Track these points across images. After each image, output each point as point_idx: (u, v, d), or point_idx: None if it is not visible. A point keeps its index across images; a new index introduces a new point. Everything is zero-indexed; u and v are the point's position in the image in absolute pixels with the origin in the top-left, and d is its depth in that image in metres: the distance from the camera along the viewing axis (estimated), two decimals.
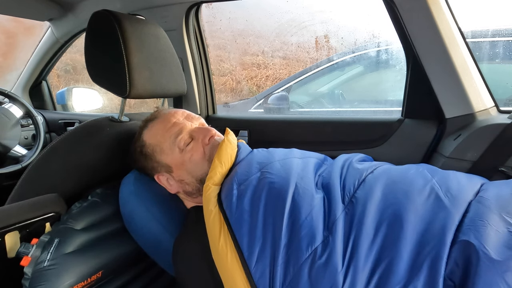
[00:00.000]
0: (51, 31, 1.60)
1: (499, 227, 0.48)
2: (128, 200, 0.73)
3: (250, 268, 0.52)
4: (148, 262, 0.79)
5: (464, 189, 0.58)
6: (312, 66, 2.35)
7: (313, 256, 0.51)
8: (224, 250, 0.55)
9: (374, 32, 2.07)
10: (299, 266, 0.50)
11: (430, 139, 0.99)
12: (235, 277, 0.53)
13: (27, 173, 0.75)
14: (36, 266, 0.60)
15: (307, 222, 0.54)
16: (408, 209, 0.53)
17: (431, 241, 0.48)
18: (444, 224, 0.50)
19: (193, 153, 0.72)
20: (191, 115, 0.80)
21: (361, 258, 0.49)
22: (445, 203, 0.54)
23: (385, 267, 0.48)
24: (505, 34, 1.61)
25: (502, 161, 0.82)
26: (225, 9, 2.64)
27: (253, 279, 0.52)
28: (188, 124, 0.75)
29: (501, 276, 0.42)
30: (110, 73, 0.79)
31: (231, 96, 3.58)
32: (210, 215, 0.60)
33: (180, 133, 0.73)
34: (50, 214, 0.68)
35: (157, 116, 0.78)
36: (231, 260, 0.54)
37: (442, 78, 0.92)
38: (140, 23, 0.82)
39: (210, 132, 0.74)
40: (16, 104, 1.39)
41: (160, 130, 0.75)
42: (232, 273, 0.53)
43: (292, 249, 0.52)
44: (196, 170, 0.72)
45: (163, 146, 0.73)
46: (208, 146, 0.72)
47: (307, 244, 0.52)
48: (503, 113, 0.95)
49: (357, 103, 2.36)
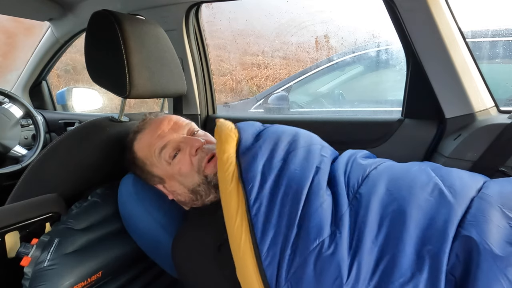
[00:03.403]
0: (51, 31, 1.60)
1: (501, 223, 0.49)
2: (127, 201, 0.73)
3: (261, 253, 0.52)
4: (148, 262, 0.79)
5: (467, 185, 0.58)
6: (312, 66, 2.35)
7: (320, 248, 0.51)
8: (240, 231, 0.54)
9: (374, 32, 2.07)
10: (306, 256, 0.50)
11: (430, 139, 0.99)
12: (246, 260, 0.52)
13: (27, 173, 0.75)
14: (36, 266, 0.60)
15: (318, 215, 0.54)
16: (411, 204, 0.53)
17: (433, 236, 0.49)
18: (446, 219, 0.50)
19: (180, 166, 0.69)
20: (178, 123, 0.75)
21: (365, 252, 0.50)
22: (448, 198, 0.54)
23: (389, 261, 0.48)
24: (505, 34, 1.61)
25: (502, 161, 0.82)
26: (225, 9, 2.64)
27: (262, 265, 0.51)
28: (174, 135, 0.72)
29: (502, 271, 0.43)
30: (110, 73, 0.79)
31: (231, 96, 3.58)
32: (228, 191, 0.58)
33: (165, 147, 0.70)
34: (50, 214, 0.68)
35: (144, 127, 0.76)
36: (244, 242, 0.53)
37: (442, 78, 0.92)
38: (140, 23, 0.82)
39: (197, 143, 0.70)
40: (16, 104, 1.39)
41: (146, 143, 0.73)
42: (244, 256, 0.52)
43: (301, 239, 0.52)
44: (187, 182, 0.70)
45: (151, 160, 0.72)
46: (196, 157, 0.69)
47: (315, 235, 0.52)
48: (503, 113, 0.95)
49: (357, 103, 2.36)
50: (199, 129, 0.78)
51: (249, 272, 0.52)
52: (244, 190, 0.57)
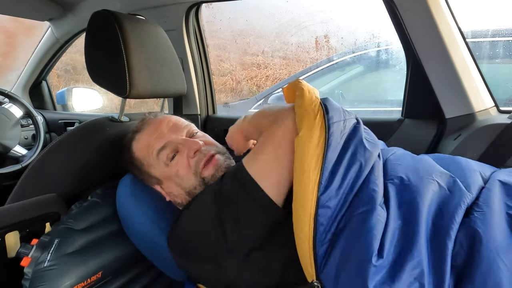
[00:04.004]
0: (51, 31, 1.60)
1: (504, 213, 0.50)
2: (125, 202, 0.72)
3: (321, 190, 0.51)
4: (148, 263, 0.78)
5: (475, 175, 0.60)
6: (312, 66, 2.35)
7: (364, 214, 0.51)
8: (314, 159, 0.52)
9: (374, 32, 2.07)
10: (351, 217, 0.51)
11: (430, 139, 0.99)
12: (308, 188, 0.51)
13: (27, 173, 0.75)
14: (36, 267, 0.60)
15: (374, 183, 0.55)
16: (425, 191, 0.55)
17: (443, 222, 0.50)
18: (455, 207, 0.52)
19: (178, 168, 0.69)
20: (177, 125, 0.75)
21: (390, 230, 0.50)
22: (457, 187, 0.56)
23: (406, 239, 0.49)
24: (505, 34, 1.61)
25: (502, 161, 0.82)
26: (225, 9, 2.64)
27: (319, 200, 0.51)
28: (173, 137, 0.72)
29: (502, 260, 0.44)
30: (110, 73, 0.79)
31: (231, 96, 3.57)
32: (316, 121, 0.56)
33: (163, 148, 0.70)
34: (50, 214, 0.68)
35: (142, 127, 0.75)
36: (313, 172, 0.51)
37: (442, 78, 0.92)
38: (140, 23, 0.82)
39: (195, 145, 0.69)
40: (16, 104, 1.39)
41: (145, 144, 0.73)
42: (308, 182, 0.51)
43: (355, 202, 0.53)
44: (184, 183, 0.70)
45: (149, 160, 0.72)
46: (194, 159, 0.69)
47: (367, 200, 0.53)
48: (503, 113, 0.95)
49: (357, 103, 2.36)
50: (198, 130, 0.78)
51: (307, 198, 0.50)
52: (327, 123, 0.55)
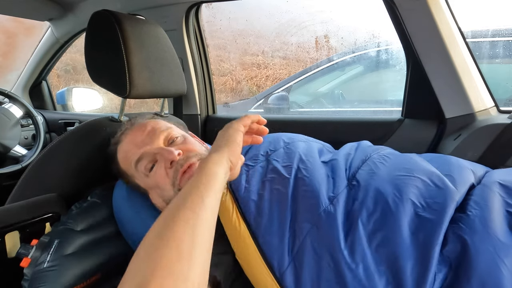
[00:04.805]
0: (51, 31, 1.60)
1: (501, 210, 0.50)
2: (121, 205, 0.72)
3: (258, 239, 0.56)
4: None
5: (467, 172, 0.60)
6: (312, 66, 2.35)
7: (316, 226, 0.54)
8: (237, 222, 0.59)
9: (374, 32, 2.07)
10: (303, 238, 0.53)
11: (430, 139, 0.99)
12: (249, 246, 0.56)
13: (27, 173, 0.75)
14: (36, 267, 0.60)
15: (312, 192, 0.58)
16: (410, 185, 0.55)
17: (430, 218, 0.50)
18: (444, 203, 0.51)
19: (156, 178, 0.66)
20: (153, 131, 0.70)
21: (360, 229, 0.51)
22: (446, 183, 0.56)
23: (383, 236, 0.50)
24: (505, 34, 1.61)
25: (502, 161, 0.82)
26: (225, 9, 2.64)
27: (262, 250, 0.55)
28: (148, 147, 0.68)
29: (501, 258, 0.43)
30: (110, 73, 0.79)
31: (231, 96, 3.57)
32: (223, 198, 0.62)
33: (140, 159, 0.67)
34: (50, 214, 0.68)
35: (121, 138, 0.74)
36: (243, 231, 0.58)
37: (442, 78, 0.92)
38: (140, 23, 0.82)
39: (170, 155, 0.64)
40: (16, 104, 1.39)
41: (124, 156, 0.71)
42: (245, 241, 0.57)
43: (297, 223, 0.55)
44: (164, 194, 0.67)
45: (131, 172, 0.70)
46: (172, 169, 0.64)
47: (312, 213, 0.55)
48: (503, 113, 0.95)
49: (357, 103, 2.36)
50: (179, 135, 0.72)
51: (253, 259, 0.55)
52: (232, 191, 0.63)
